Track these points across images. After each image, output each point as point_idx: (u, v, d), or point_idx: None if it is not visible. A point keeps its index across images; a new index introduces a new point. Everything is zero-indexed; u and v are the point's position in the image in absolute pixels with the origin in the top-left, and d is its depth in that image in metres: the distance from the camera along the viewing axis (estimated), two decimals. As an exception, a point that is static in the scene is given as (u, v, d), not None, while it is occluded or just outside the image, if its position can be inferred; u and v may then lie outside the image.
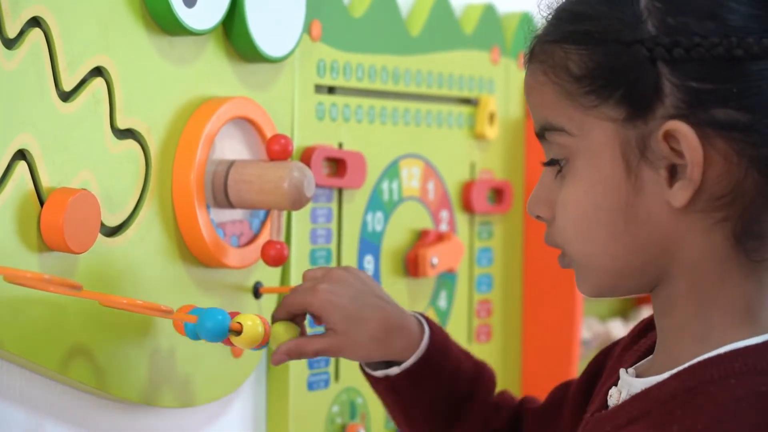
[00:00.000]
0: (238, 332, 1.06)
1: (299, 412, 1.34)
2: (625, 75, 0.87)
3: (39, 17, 1.04)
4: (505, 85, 1.63)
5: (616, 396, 0.96)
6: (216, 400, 1.27)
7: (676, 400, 0.88)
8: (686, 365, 0.90)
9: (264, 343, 1.09)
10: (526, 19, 1.65)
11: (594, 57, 0.88)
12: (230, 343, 1.09)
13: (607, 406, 0.97)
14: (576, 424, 1.06)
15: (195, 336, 1.08)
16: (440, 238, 1.50)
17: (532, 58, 0.93)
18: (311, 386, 1.35)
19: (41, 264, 1.05)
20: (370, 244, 1.42)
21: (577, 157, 0.91)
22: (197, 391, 1.24)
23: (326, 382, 1.37)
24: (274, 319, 1.13)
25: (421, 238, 1.49)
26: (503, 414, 1.19)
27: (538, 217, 0.96)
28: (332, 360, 1.37)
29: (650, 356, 0.99)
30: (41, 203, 1.05)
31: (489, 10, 1.59)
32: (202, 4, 1.16)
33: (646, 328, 1.04)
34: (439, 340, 1.15)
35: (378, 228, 1.44)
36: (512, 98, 1.65)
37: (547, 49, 0.91)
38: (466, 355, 1.19)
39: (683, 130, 0.86)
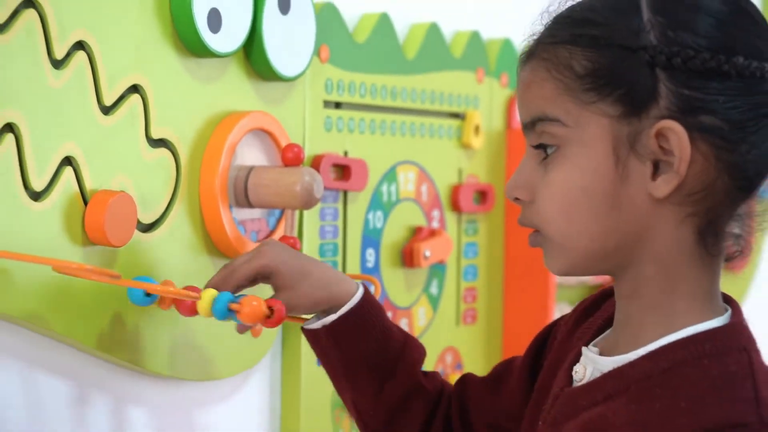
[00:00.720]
0: (237, 311, 1.04)
1: (309, 385, 1.34)
2: (626, 77, 0.86)
3: (83, 41, 1.04)
4: (488, 101, 1.63)
5: (581, 372, 0.94)
6: (237, 374, 1.27)
7: (653, 380, 0.87)
8: (656, 346, 0.88)
9: (276, 322, 1.06)
10: (506, 44, 1.65)
11: (599, 59, 0.87)
12: (245, 327, 1.09)
13: (573, 381, 0.95)
14: (523, 394, 1.06)
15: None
16: (432, 233, 1.50)
17: (533, 57, 0.91)
18: (320, 362, 1.34)
19: (85, 256, 1.06)
20: (371, 239, 1.42)
21: (569, 145, 0.89)
22: (220, 366, 1.24)
23: (333, 359, 1.36)
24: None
25: (415, 233, 1.49)
26: (437, 381, 1.16)
27: (516, 199, 0.94)
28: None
29: (606, 333, 0.97)
30: (85, 203, 1.05)
31: (475, 37, 1.59)
32: (225, 30, 1.16)
33: (591, 307, 1.03)
34: (372, 299, 1.12)
35: (378, 225, 1.43)
36: (495, 113, 1.65)
37: (550, 49, 0.89)
38: (394, 324, 1.16)
39: (677, 129, 0.85)
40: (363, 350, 1.11)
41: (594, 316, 1.00)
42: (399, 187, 1.47)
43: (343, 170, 1.36)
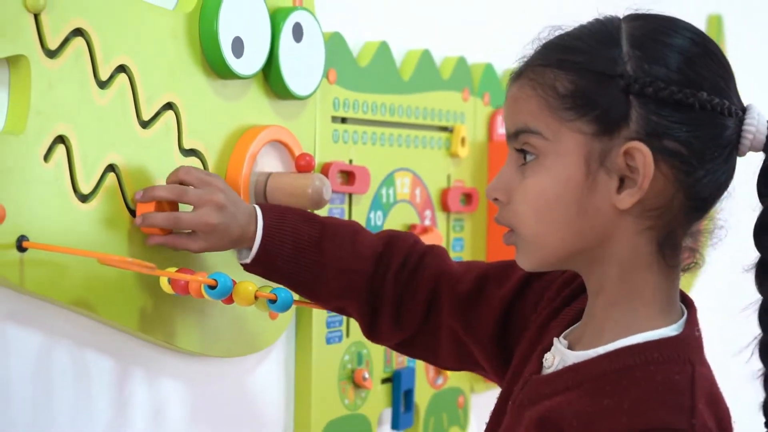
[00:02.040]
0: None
1: (320, 361, 1.33)
2: (602, 100, 0.85)
3: (125, 65, 1.04)
4: (473, 117, 1.62)
5: (550, 360, 0.93)
6: (257, 352, 1.26)
7: (606, 378, 0.86)
8: (613, 348, 0.87)
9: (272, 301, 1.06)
10: (488, 68, 1.64)
11: (580, 82, 0.86)
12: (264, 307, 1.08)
13: (542, 367, 0.94)
14: (501, 326, 1.04)
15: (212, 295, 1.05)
16: (425, 230, 1.50)
17: (521, 76, 0.90)
18: (328, 341, 1.34)
19: (125, 250, 1.05)
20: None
21: (547, 156, 0.87)
22: (242, 345, 1.23)
23: (339, 338, 1.36)
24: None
25: (410, 230, 1.49)
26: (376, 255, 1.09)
27: (495, 200, 0.92)
28: (344, 319, 1.36)
29: (576, 325, 0.95)
30: (126, 205, 1.05)
31: (461, 61, 1.58)
32: (247, 56, 1.16)
33: (570, 296, 1.00)
34: (273, 226, 1.07)
35: (378, 223, 1.43)
36: (478, 127, 1.64)
37: (537, 70, 0.88)
38: (310, 222, 1.09)
39: (643, 150, 0.84)
40: (282, 270, 1.07)
41: (571, 306, 0.98)
42: (396, 191, 1.46)
43: (348, 176, 1.36)
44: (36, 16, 0.95)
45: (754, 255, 0.90)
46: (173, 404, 1.17)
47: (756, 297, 0.90)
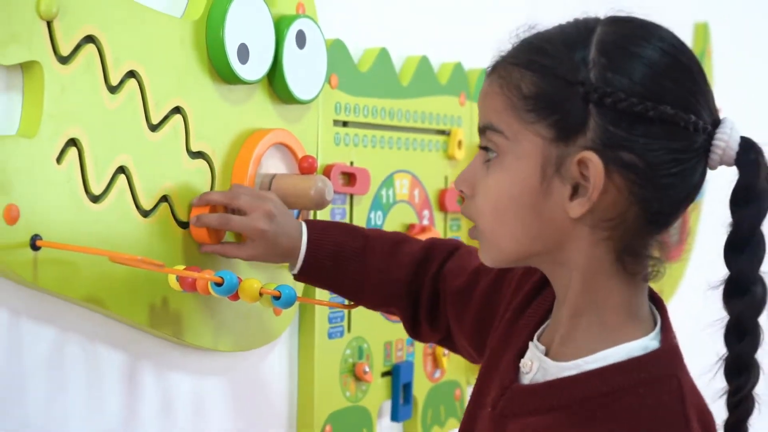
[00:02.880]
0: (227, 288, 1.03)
1: (322, 355, 1.33)
2: (562, 106, 0.81)
3: (134, 70, 1.04)
4: (469, 120, 1.62)
5: (528, 365, 0.89)
6: (262, 346, 1.26)
7: (594, 402, 0.82)
8: (596, 365, 0.83)
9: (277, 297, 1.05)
10: (484, 73, 1.63)
11: (542, 85, 0.82)
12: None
13: (519, 372, 0.90)
14: (479, 320, 1.03)
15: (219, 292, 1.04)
16: (423, 229, 1.49)
17: (494, 72, 0.86)
18: (330, 336, 1.34)
19: (134, 248, 1.05)
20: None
21: (507, 155, 0.84)
22: (248, 340, 1.23)
23: (341, 333, 1.36)
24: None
25: (409, 229, 1.48)
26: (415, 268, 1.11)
27: (461, 191, 0.89)
28: (345, 315, 1.36)
29: (546, 325, 0.91)
30: (136, 205, 1.05)
31: (458, 67, 1.58)
32: (252, 62, 1.15)
33: (533, 292, 0.96)
34: (317, 241, 1.10)
35: (378, 222, 1.43)
36: (474, 130, 1.62)
37: (507, 68, 0.84)
38: (352, 235, 1.12)
39: (594, 160, 0.80)
40: (328, 281, 1.12)
41: (536, 303, 0.95)
42: (395, 191, 1.46)
43: (349, 177, 1.35)
44: (49, 24, 0.95)
45: (723, 272, 0.85)
46: (181, 396, 1.16)
47: (722, 315, 0.85)
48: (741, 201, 0.83)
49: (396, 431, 1.50)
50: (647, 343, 0.84)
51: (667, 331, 0.86)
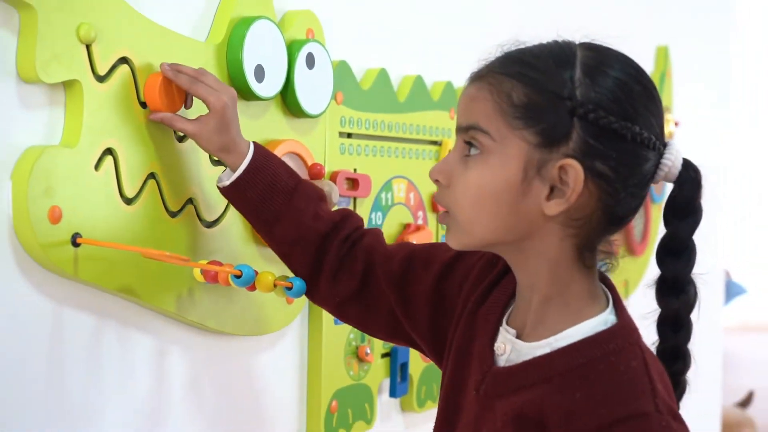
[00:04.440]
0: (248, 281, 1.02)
1: (329, 339, 1.33)
2: (549, 117, 0.82)
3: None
4: (458, 132, 1.62)
5: (502, 348, 0.88)
6: (276, 331, 1.25)
7: (573, 373, 0.82)
8: (567, 341, 0.84)
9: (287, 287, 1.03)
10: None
11: (533, 97, 0.82)
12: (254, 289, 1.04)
13: (494, 355, 0.89)
14: (432, 304, 0.99)
15: (238, 283, 1.03)
16: (418, 228, 1.49)
17: (482, 78, 0.85)
18: (336, 322, 1.33)
19: (163, 245, 1.05)
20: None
21: (491, 154, 0.83)
22: (263, 326, 1.22)
23: (346, 320, 1.35)
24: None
25: (405, 228, 1.48)
26: (332, 222, 1.03)
27: (436, 181, 0.87)
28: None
29: (511, 309, 0.91)
30: (165, 206, 1.05)
31: (449, 85, 1.57)
32: (267, 81, 1.15)
33: (493, 283, 0.95)
34: (262, 160, 1.02)
35: (379, 222, 1.42)
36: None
37: (498, 78, 0.84)
38: (288, 175, 1.04)
39: (577, 167, 0.81)
40: (251, 202, 1.02)
41: (498, 291, 0.94)
42: (393, 195, 1.45)
43: (353, 182, 1.35)
44: (88, 47, 0.95)
45: (656, 272, 0.89)
46: (204, 375, 1.16)
47: (654, 308, 0.89)
48: (680, 213, 0.87)
49: (394, 405, 1.50)
50: (605, 317, 0.86)
51: (620, 308, 0.87)
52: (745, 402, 3.73)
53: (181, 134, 1.06)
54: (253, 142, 1.04)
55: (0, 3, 0.88)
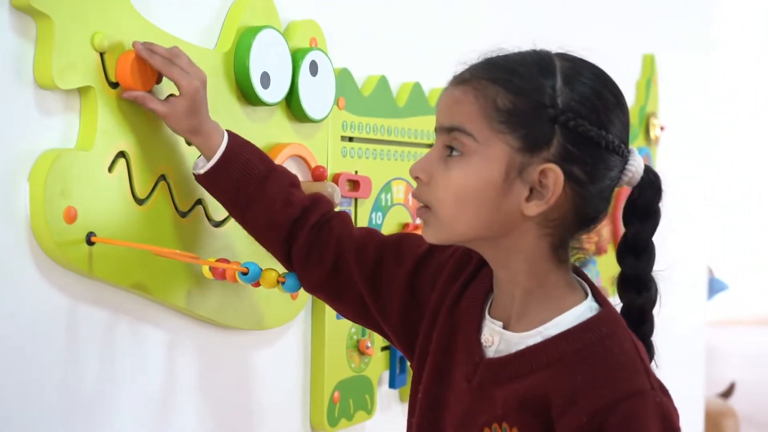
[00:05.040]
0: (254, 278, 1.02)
1: (331, 333, 1.32)
2: (532, 123, 0.82)
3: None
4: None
5: (490, 340, 0.89)
6: (281, 325, 1.25)
7: (572, 357, 0.83)
8: (557, 329, 0.85)
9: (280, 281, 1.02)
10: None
11: (518, 103, 0.82)
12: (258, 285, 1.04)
13: (483, 347, 0.89)
14: (404, 300, 0.97)
15: (244, 280, 1.02)
16: (416, 227, 1.49)
17: (467, 82, 0.85)
18: (338, 317, 1.33)
19: (174, 243, 1.05)
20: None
21: (474, 155, 0.83)
22: (269, 320, 1.22)
23: (347, 315, 1.35)
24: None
25: (404, 228, 1.48)
26: (299, 210, 1.00)
27: (416, 177, 0.87)
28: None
29: (491, 302, 0.91)
30: (174, 207, 1.05)
31: (445, 91, 1.57)
32: (273, 87, 1.15)
33: (468, 278, 0.94)
34: (236, 147, 1.00)
35: (378, 222, 1.42)
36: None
37: (482, 83, 0.84)
38: (263, 162, 1.01)
39: (557, 172, 0.82)
40: (226, 189, 1.00)
41: (474, 286, 0.93)
42: (393, 196, 1.45)
43: (354, 184, 1.35)
44: (101, 55, 0.94)
45: (617, 270, 0.90)
46: (212, 368, 1.16)
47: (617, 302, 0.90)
48: (640, 216, 0.88)
49: (393, 396, 1.50)
50: (589, 304, 0.87)
51: (601, 296, 0.88)
52: (727, 393, 3.73)
53: (191, 138, 1.06)
54: (227, 130, 1.01)
55: (18, 13, 0.88)
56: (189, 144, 1.06)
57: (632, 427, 0.79)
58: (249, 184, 1.00)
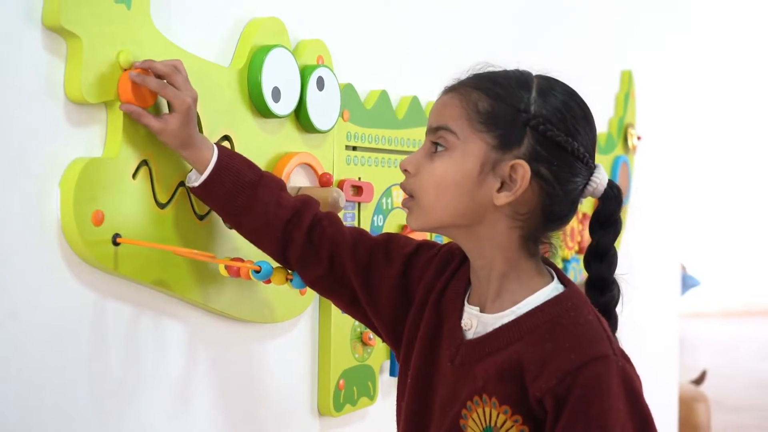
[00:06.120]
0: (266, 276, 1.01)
1: (337, 326, 1.32)
2: (507, 124, 0.86)
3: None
4: (449, 145, 1.61)
5: (469, 323, 0.90)
6: (290, 319, 1.25)
7: (541, 329, 0.85)
8: (528, 307, 0.87)
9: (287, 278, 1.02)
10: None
11: (496, 107, 0.86)
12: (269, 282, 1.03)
13: (464, 331, 0.90)
14: (396, 299, 0.97)
15: (257, 277, 1.02)
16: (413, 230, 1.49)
17: (455, 90, 0.89)
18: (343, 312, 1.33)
19: (192, 243, 1.04)
20: (375, 234, 1.40)
21: (455, 150, 0.87)
22: (278, 314, 1.22)
23: (351, 309, 1.35)
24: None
25: (403, 230, 1.48)
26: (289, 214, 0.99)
27: (405, 170, 0.90)
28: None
29: (469, 292, 0.92)
30: (193, 210, 1.04)
31: (441, 104, 1.57)
32: (283, 101, 1.15)
33: (451, 274, 0.95)
34: (226, 160, 0.98)
35: (380, 224, 1.42)
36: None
37: (468, 90, 0.88)
38: (252, 171, 1.00)
39: (525, 167, 0.85)
40: (220, 199, 0.99)
41: (456, 280, 0.95)
42: (393, 200, 1.45)
43: (358, 189, 1.35)
44: (126, 71, 0.94)
45: (585, 274, 0.93)
46: (227, 358, 1.16)
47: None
48: (603, 224, 0.91)
49: (393, 384, 1.49)
50: (555, 286, 0.89)
51: (566, 279, 0.91)
52: (699, 380, 3.72)
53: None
54: (216, 143, 1.00)
55: (50, 33, 0.88)
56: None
57: (597, 386, 0.81)
58: (242, 192, 0.98)
